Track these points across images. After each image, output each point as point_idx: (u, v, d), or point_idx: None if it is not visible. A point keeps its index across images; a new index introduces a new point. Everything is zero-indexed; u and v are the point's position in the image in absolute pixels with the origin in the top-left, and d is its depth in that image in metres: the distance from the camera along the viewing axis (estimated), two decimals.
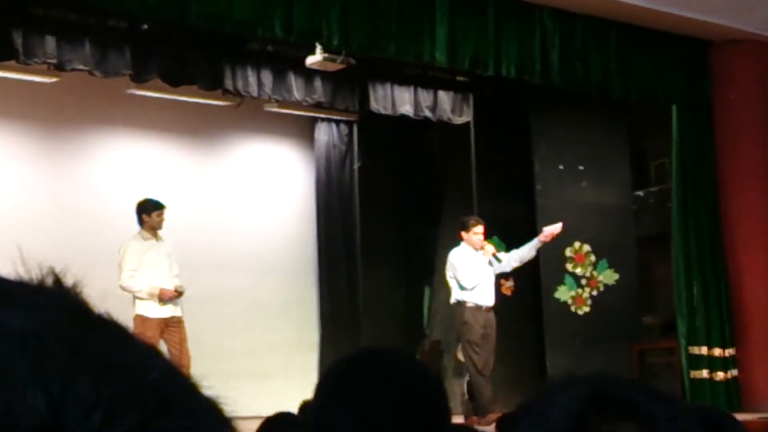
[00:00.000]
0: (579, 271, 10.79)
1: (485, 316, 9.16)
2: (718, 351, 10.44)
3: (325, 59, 9.81)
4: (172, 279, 9.08)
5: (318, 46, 9.60)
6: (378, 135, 12.27)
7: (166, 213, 9.21)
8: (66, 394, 0.49)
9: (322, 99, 10.97)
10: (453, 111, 11.36)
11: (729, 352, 10.49)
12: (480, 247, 9.16)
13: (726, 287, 10.61)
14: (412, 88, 11.11)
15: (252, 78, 10.36)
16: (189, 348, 8.96)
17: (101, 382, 0.50)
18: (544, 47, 9.73)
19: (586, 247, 10.84)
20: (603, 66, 10.10)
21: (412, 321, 12.61)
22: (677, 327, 10.58)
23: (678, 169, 10.72)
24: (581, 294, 10.77)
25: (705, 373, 10.39)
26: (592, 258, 10.86)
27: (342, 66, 9.97)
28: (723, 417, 2.32)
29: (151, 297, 8.90)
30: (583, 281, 10.80)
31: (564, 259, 10.75)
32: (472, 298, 9.11)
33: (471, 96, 11.38)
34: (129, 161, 11.25)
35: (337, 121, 12.53)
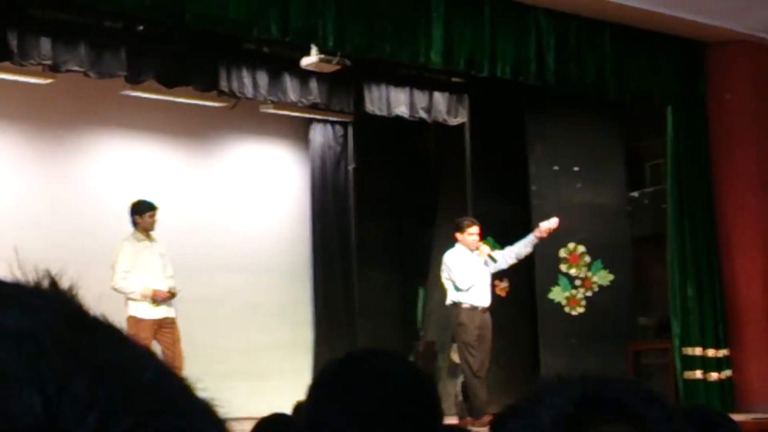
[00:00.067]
0: (573, 272, 10.79)
1: (481, 317, 9.16)
2: (712, 352, 10.45)
3: (321, 60, 9.81)
4: (165, 280, 9.07)
5: (313, 47, 9.60)
6: (373, 136, 12.27)
7: (160, 214, 9.21)
8: (62, 395, 0.50)
9: (317, 100, 10.96)
10: (448, 112, 11.37)
11: (723, 352, 10.50)
12: (475, 248, 9.17)
13: (720, 288, 10.62)
14: (407, 89, 11.11)
15: (247, 79, 10.35)
16: (182, 349, 8.96)
17: (97, 383, 0.51)
18: (539, 48, 9.74)
19: (580, 248, 10.85)
20: (598, 67, 10.11)
21: (406, 322, 12.60)
22: (671, 327, 10.59)
23: (673, 170, 10.72)
24: (576, 295, 10.77)
25: (699, 374, 10.40)
26: (586, 259, 10.86)
27: (337, 67, 9.97)
28: (718, 416, 2.33)
29: (144, 298, 8.89)
30: (578, 282, 10.80)
31: (558, 260, 10.75)
32: (467, 299, 9.12)
33: (466, 97, 11.38)
34: (124, 162, 11.24)
35: (333, 122, 12.52)
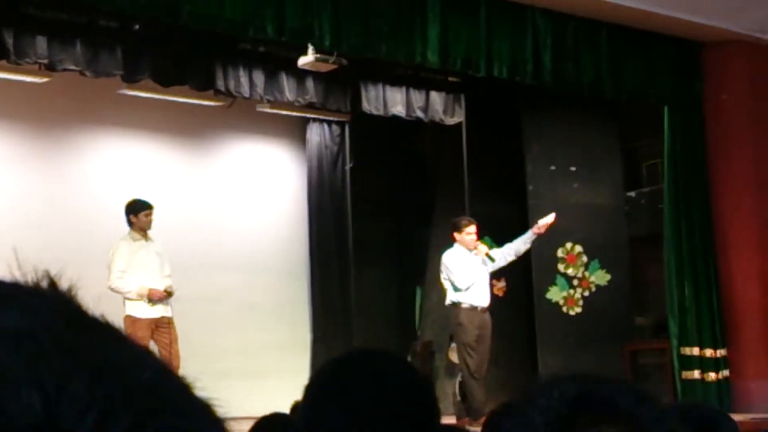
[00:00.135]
0: (571, 272, 10.80)
1: (480, 317, 9.16)
2: (709, 352, 10.46)
3: (317, 60, 9.81)
4: (163, 279, 9.07)
5: (310, 46, 9.60)
6: (370, 135, 12.26)
7: (157, 213, 9.20)
8: (61, 394, 0.50)
9: (314, 99, 10.96)
10: (445, 111, 11.37)
11: (720, 352, 10.51)
12: (473, 248, 9.17)
13: (717, 288, 10.62)
14: (404, 88, 11.11)
15: (244, 78, 10.35)
16: (180, 349, 8.95)
17: (96, 382, 0.51)
18: (536, 48, 9.74)
19: (577, 248, 10.85)
20: (595, 67, 10.12)
21: (403, 321, 12.61)
22: (669, 327, 10.59)
23: (670, 170, 10.73)
24: (573, 294, 10.78)
25: (696, 374, 10.41)
26: (583, 259, 10.87)
27: (334, 66, 9.98)
28: (718, 415, 2.33)
29: (141, 297, 8.89)
30: (575, 282, 10.81)
31: (556, 260, 10.76)
32: (467, 299, 9.11)
33: (463, 96, 11.38)
34: (120, 161, 11.23)
35: (329, 122, 12.53)
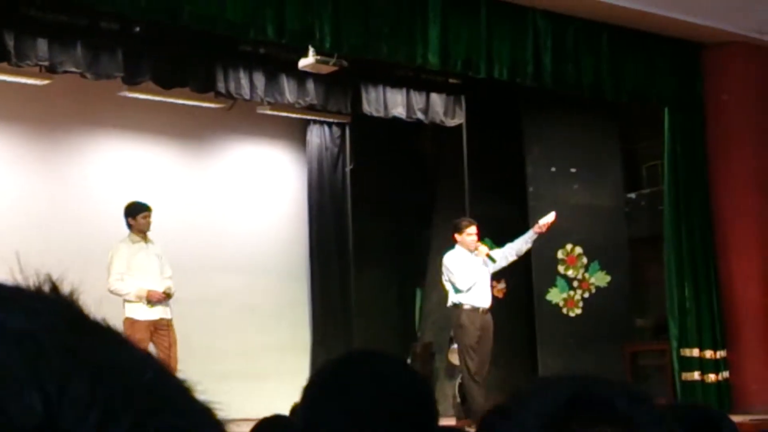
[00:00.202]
0: (571, 273, 10.80)
1: (482, 318, 9.14)
2: (709, 353, 10.45)
3: (318, 61, 9.81)
4: (163, 281, 9.06)
5: (310, 48, 9.60)
6: (370, 137, 12.26)
7: (157, 215, 9.19)
8: (62, 395, 0.50)
9: (314, 101, 10.96)
10: (445, 113, 11.36)
11: (720, 354, 10.50)
12: (474, 248, 9.15)
13: (717, 289, 10.62)
14: (404, 90, 11.11)
15: (244, 80, 10.35)
16: (178, 351, 8.93)
17: (96, 383, 0.51)
18: (536, 49, 9.73)
19: (577, 249, 10.85)
20: (595, 68, 10.11)
21: (404, 322, 12.60)
22: (669, 329, 10.59)
23: (670, 171, 10.73)
24: (573, 296, 10.77)
25: (696, 375, 10.40)
26: (583, 260, 10.87)
27: (334, 68, 9.97)
28: (717, 416, 2.33)
29: (139, 299, 8.88)
30: (575, 283, 10.80)
31: (556, 261, 10.76)
32: (468, 300, 9.09)
33: (463, 98, 11.38)
34: (121, 163, 11.23)
35: (330, 123, 12.52)
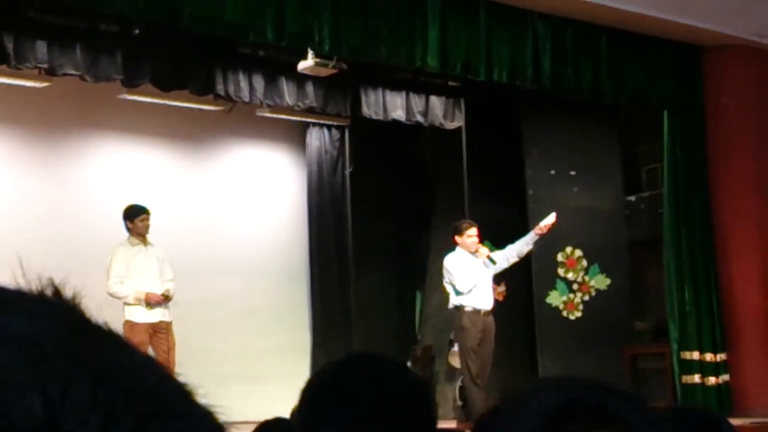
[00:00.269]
0: (571, 276, 10.79)
1: (483, 320, 9.13)
2: (709, 356, 10.45)
3: (317, 64, 9.82)
4: (163, 284, 9.06)
5: (310, 51, 9.60)
6: (370, 140, 12.27)
7: (157, 218, 9.21)
8: (64, 398, 0.50)
9: (313, 104, 10.97)
10: (445, 116, 11.37)
11: (720, 356, 10.50)
12: (474, 250, 9.14)
13: (717, 292, 10.61)
14: (403, 93, 11.12)
15: (244, 83, 10.36)
16: (177, 355, 8.93)
17: (98, 386, 0.51)
18: (535, 52, 9.73)
19: (577, 252, 10.85)
20: (594, 71, 10.11)
21: (403, 325, 12.60)
22: (669, 332, 10.58)
23: (670, 174, 10.73)
24: (573, 299, 10.77)
25: (697, 378, 10.40)
26: (583, 263, 10.86)
27: (334, 71, 9.98)
28: (716, 419, 2.32)
29: (138, 301, 8.90)
30: (575, 286, 10.80)
31: (556, 264, 10.75)
32: (470, 302, 9.08)
33: (462, 101, 11.39)
34: (120, 166, 11.24)
35: (329, 126, 12.53)
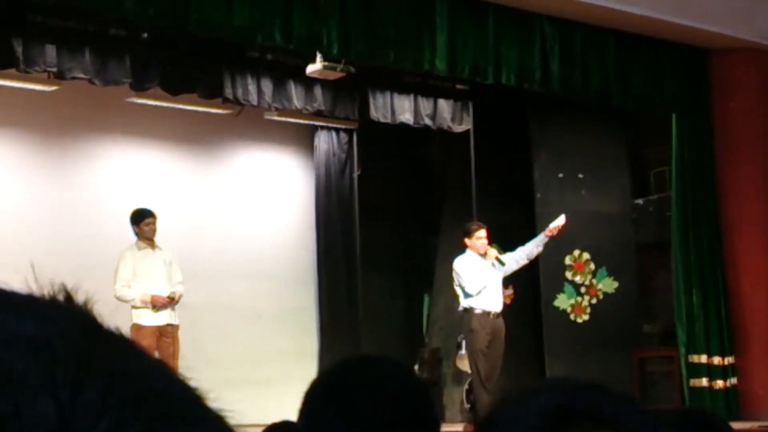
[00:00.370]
0: (578, 279, 10.78)
1: (493, 322, 9.11)
2: (717, 359, 10.42)
3: (325, 68, 9.82)
4: (171, 287, 9.08)
5: (318, 54, 9.61)
6: (378, 143, 12.27)
7: (164, 221, 9.24)
8: (75, 401, 0.50)
9: (322, 107, 10.97)
10: (453, 119, 11.37)
11: (729, 360, 10.47)
12: (483, 252, 9.12)
13: (725, 295, 10.59)
14: (411, 96, 11.11)
15: (252, 86, 10.36)
16: (183, 358, 8.92)
17: (109, 390, 0.51)
18: (543, 55, 9.72)
19: (585, 255, 10.83)
20: (602, 74, 10.09)
21: (411, 329, 12.60)
22: (677, 335, 10.56)
23: (678, 177, 10.70)
24: (581, 302, 10.76)
25: (705, 382, 10.37)
26: (591, 266, 10.85)
27: (342, 74, 9.99)
28: (715, 420, 2.32)
29: (144, 304, 8.93)
30: (583, 289, 10.79)
31: (563, 267, 10.74)
32: (479, 304, 9.06)
33: (471, 104, 11.38)
34: (129, 169, 11.25)
35: (337, 130, 12.53)
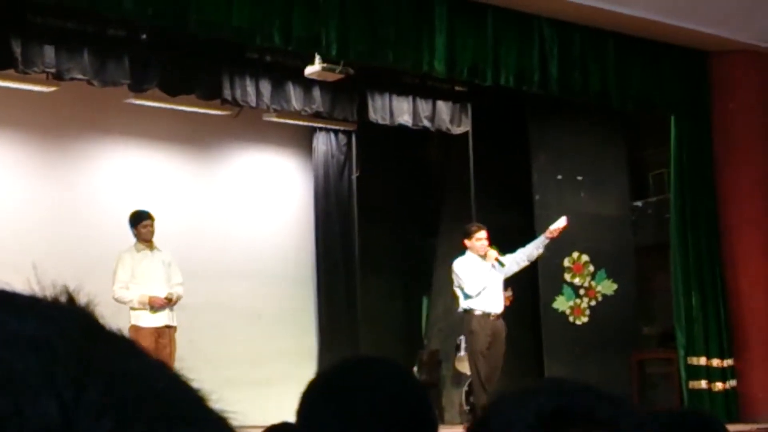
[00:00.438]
0: (577, 281, 10.78)
1: (493, 323, 9.10)
2: (716, 361, 10.43)
3: (324, 69, 9.83)
4: (170, 288, 9.08)
5: (317, 56, 9.61)
6: (376, 145, 12.28)
7: (163, 222, 9.25)
8: (77, 401, 0.50)
9: (320, 109, 10.98)
10: (451, 121, 11.37)
11: (728, 362, 10.47)
12: (483, 253, 9.11)
13: (724, 297, 10.59)
14: (410, 98, 11.12)
15: (251, 88, 10.37)
16: (183, 359, 8.92)
17: (110, 390, 0.51)
18: (542, 57, 9.72)
19: (584, 258, 10.84)
20: (601, 76, 10.10)
21: (410, 330, 12.60)
22: (676, 337, 10.57)
23: (677, 179, 10.71)
24: (579, 304, 10.76)
25: (704, 384, 10.37)
26: (590, 268, 10.85)
27: (341, 76, 9.99)
28: (710, 421, 2.31)
29: (142, 305, 8.94)
30: (582, 291, 10.79)
31: (562, 269, 10.74)
32: (479, 305, 9.06)
33: (469, 106, 11.39)
34: (127, 171, 11.25)
35: (336, 131, 12.54)
